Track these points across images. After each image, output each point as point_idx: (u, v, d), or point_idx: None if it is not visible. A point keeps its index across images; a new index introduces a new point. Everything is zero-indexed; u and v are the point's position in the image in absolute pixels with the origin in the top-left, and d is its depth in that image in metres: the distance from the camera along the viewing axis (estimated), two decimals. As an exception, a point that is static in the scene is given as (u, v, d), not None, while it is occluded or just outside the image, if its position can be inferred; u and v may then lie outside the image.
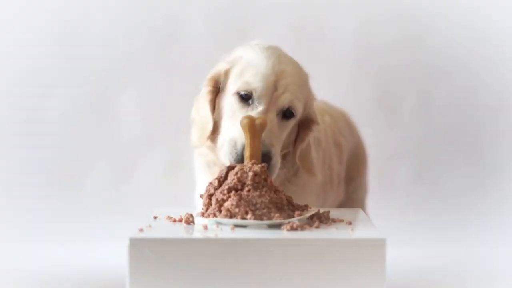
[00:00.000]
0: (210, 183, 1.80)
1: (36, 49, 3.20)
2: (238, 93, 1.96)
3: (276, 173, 1.93)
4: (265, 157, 1.86)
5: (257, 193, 1.73)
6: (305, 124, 2.08)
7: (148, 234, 1.65)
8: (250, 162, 1.79)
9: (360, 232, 1.71)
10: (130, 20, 3.22)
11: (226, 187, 1.75)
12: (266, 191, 1.74)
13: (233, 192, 1.73)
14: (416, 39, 3.24)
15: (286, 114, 1.99)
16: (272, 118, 1.94)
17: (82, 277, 2.64)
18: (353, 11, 3.23)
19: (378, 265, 1.59)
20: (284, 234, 1.65)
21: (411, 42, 3.25)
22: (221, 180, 1.78)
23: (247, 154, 1.82)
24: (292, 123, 2.02)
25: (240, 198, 1.72)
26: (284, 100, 1.96)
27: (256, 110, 1.93)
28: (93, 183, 3.22)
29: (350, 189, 2.61)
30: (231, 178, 1.75)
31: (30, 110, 3.21)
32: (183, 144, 2.21)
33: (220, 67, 2.05)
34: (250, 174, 1.75)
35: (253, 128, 1.82)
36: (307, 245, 1.60)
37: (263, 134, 1.86)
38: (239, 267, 1.59)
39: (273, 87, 1.95)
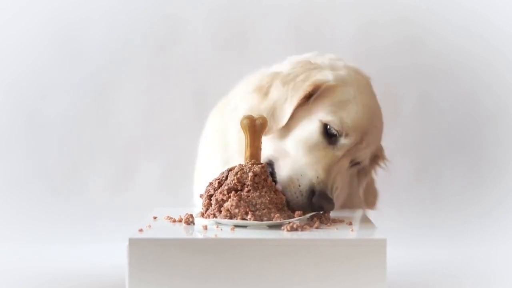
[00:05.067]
0: (210, 183, 1.80)
1: (36, 49, 3.19)
2: (326, 124, 1.88)
3: None
4: (329, 205, 1.82)
5: (257, 193, 1.73)
6: (371, 158, 2.04)
7: (148, 234, 1.65)
8: (250, 162, 1.79)
9: (360, 232, 1.71)
10: (130, 20, 3.21)
11: (226, 187, 1.75)
12: (266, 192, 1.74)
13: (233, 192, 1.73)
14: (416, 40, 3.24)
15: (353, 163, 1.97)
16: (345, 164, 1.90)
17: (82, 277, 2.63)
18: (353, 12, 3.22)
19: (378, 265, 1.59)
20: (284, 234, 1.65)
21: (412, 43, 3.24)
22: (221, 182, 1.78)
23: (247, 154, 1.82)
24: (355, 169, 2.00)
25: (240, 199, 1.72)
26: (362, 155, 1.94)
27: (335, 152, 1.87)
28: (93, 183, 3.22)
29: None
30: (231, 179, 1.75)
31: (30, 110, 3.21)
32: (183, 144, 2.21)
33: (325, 77, 1.92)
34: (250, 174, 1.74)
35: (253, 128, 1.81)
36: (307, 246, 1.60)
37: (332, 179, 1.83)
38: (239, 267, 1.59)
39: (360, 139, 1.90)
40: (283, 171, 1.86)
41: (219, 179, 1.78)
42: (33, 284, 2.55)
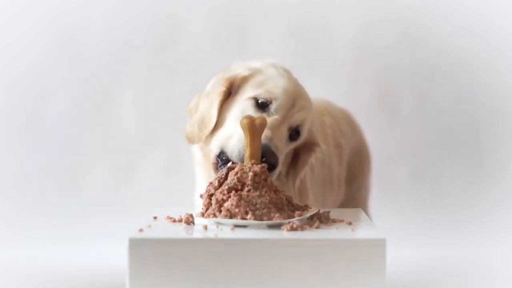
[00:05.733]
0: (210, 183, 1.80)
1: (36, 49, 3.20)
2: (255, 98, 1.97)
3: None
4: (273, 158, 1.85)
5: (257, 193, 1.73)
6: (307, 147, 2.08)
7: (148, 234, 1.66)
8: (250, 162, 1.79)
9: (360, 232, 1.71)
10: (130, 20, 3.21)
11: (226, 187, 1.75)
12: (266, 191, 1.74)
13: (233, 192, 1.73)
14: (416, 39, 3.24)
15: (292, 135, 1.99)
16: (284, 131, 1.95)
17: (82, 277, 2.64)
18: (353, 11, 3.22)
19: (378, 265, 1.59)
20: (284, 234, 1.66)
21: (411, 42, 3.24)
22: (221, 180, 1.78)
23: (247, 154, 1.82)
24: (293, 145, 2.03)
25: (240, 198, 1.72)
26: (298, 117, 1.99)
27: (271, 116, 1.93)
28: (93, 183, 3.22)
29: (353, 188, 2.61)
30: (231, 178, 1.75)
31: (30, 110, 3.21)
32: (183, 144, 2.21)
33: (238, 71, 2.05)
34: (250, 174, 1.75)
35: (253, 128, 1.81)
36: (307, 245, 1.60)
37: (275, 140, 1.86)
38: (239, 267, 1.59)
39: (291, 104, 1.98)
40: (233, 146, 1.90)
41: (219, 177, 1.79)
42: (33, 284, 2.55)
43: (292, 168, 2.08)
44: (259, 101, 1.96)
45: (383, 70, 3.26)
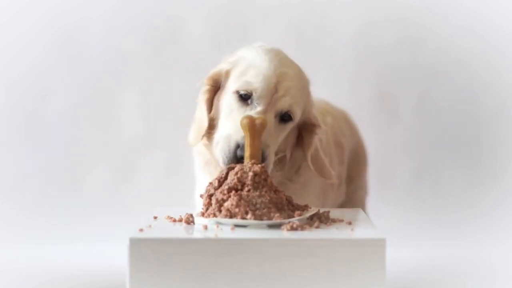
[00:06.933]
0: (210, 183, 1.80)
1: (36, 49, 3.20)
2: (237, 92, 1.95)
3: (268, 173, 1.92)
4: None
5: (257, 193, 1.73)
6: (308, 128, 2.07)
7: (148, 234, 1.65)
8: (250, 162, 1.79)
9: (360, 232, 1.71)
10: (130, 20, 3.22)
11: (226, 187, 1.75)
12: (266, 191, 1.74)
13: (233, 192, 1.73)
14: (416, 39, 3.24)
15: (284, 117, 1.98)
16: (270, 119, 1.93)
17: (82, 277, 2.64)
18: (353, 11, 3.23)
19: (378, 265, 1.59)
20: (284, 234, 1.65)
21: (411, 43, 3.25)
22: (221, 180, 1.78)
23: (247, 154, 1.82)
24: (289, 127, 2.01)
25: (240, 198, 1.72)
26: (284, 103, 1.96)
27: (255, 110, 1.92)
28: (93, 183, 3.22)
29: (350, 190, 2.61)
30: (231, 178, 1.75)
31: (30, 110, 3.21)
32: (183, 144, 2.22)
33: (221, 67, 2.05)
34: (250, 174, 1.75)
35: (253, 128, 1.82)
36: (307, 245, 1.60)
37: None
38: (239, 267, 1.59)
39: (274, 89, 1.95)
40: (218, 153, 1.93)
41: (219, 177, 1.79)
42: (33, 284, 2.55)
43: (301, 149, 2.08)
44: (241, 94, 1.95)
45: (383, 70, 3.27)
